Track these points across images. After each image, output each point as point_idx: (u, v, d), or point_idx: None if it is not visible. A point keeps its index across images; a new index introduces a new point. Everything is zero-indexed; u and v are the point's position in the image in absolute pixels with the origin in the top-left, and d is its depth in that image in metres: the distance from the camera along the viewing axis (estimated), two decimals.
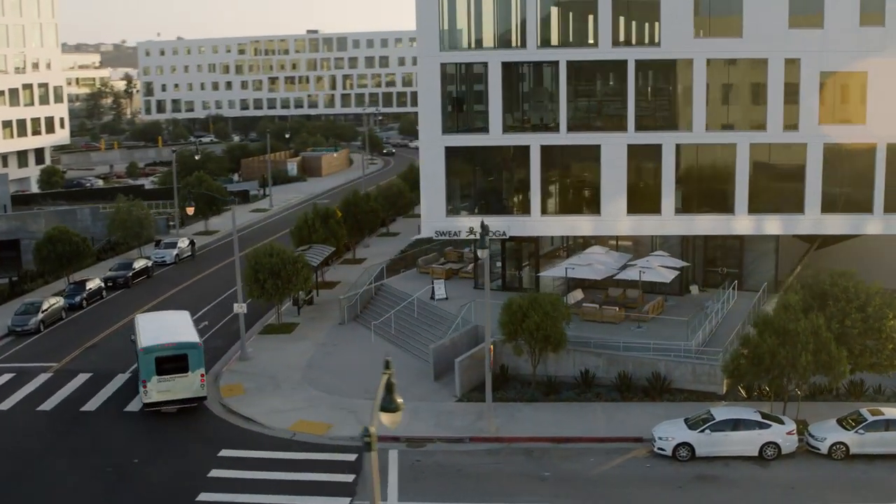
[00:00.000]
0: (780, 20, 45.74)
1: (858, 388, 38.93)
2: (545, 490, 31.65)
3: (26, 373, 44.23)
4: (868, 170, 46.89)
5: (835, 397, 38.48)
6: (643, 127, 47.67)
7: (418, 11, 47.73)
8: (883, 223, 47.51)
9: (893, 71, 45.70)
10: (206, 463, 33.89)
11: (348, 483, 32.22)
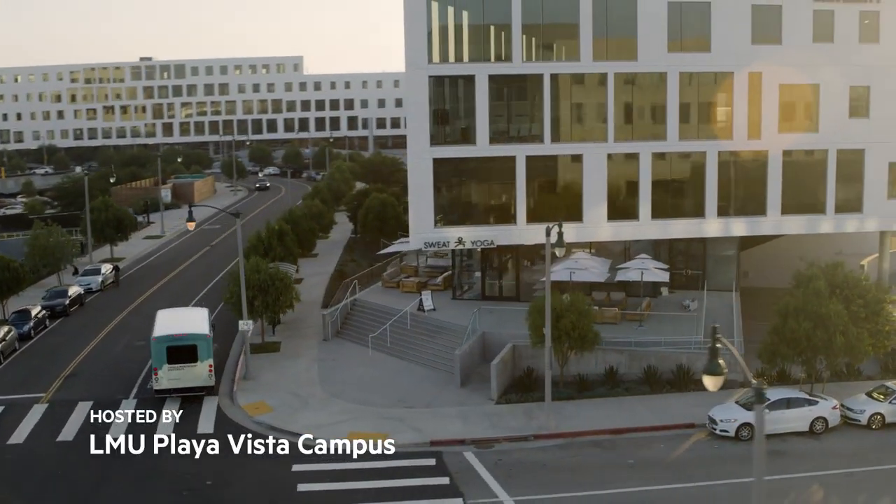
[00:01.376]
0: (745, 37, 49.38)
1: (853, 370, 42.34)
2: (637, 476, 32.76)
3: (17, 405, 40.93)
4: (820, 174, 51.27)
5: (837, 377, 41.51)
6: (622, 136, 49.96)
7: (406, 24, 48.17)
8: (834, 222, 52.01)
9: (841, 83, 50.26)
10: (284, 479, 32.80)
11: (447, 485, 32.08)
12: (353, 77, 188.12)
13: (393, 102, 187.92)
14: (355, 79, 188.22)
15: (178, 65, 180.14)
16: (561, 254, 37.10)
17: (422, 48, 48.37)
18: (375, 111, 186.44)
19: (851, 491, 31.37)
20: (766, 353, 38.68)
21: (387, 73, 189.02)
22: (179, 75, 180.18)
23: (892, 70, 50.32)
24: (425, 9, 48.05)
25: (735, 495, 30.77)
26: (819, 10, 49.63)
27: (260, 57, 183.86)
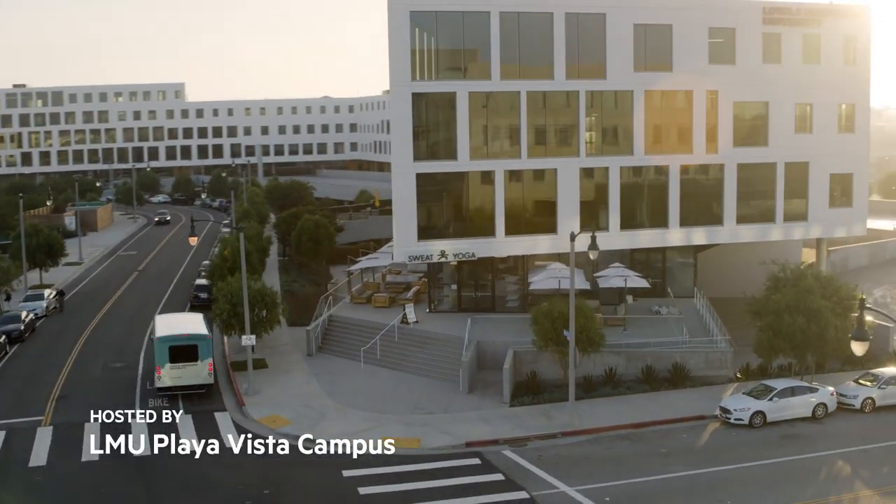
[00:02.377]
0: (702, 57, 52.87)
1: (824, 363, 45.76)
2: (674, 462, 34.69)
3: (18, 428, 39.43)
4: (770, 185, 55.12)
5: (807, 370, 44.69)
6: (593, 151, 52.42)
7: (391, 42, 49.31)
8: (783, 230, 55.96)
9: (788, 101, 54.39)
10: (341, 485, 32.99)
11: (503, 480, 33.09)
12: (235, 104, 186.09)
13: (276, 129, 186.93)
14: (238, 105, 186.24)
15: (55, 91, 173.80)
16: (594, 256, 38.74)
17: (405, 66, 49.55)
18: (259, 138, 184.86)
19: (875, 464, 34.21)
20: (762, 348, 41.46)
21: (270, 100, 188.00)
22: (57, 102, 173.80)
23: (831, 89, 54.70)
24: (408, 29, 49.28)
25: (770, 474, 33.12)
26: (768, 33, 53.64)
27: (141, 84, 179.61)
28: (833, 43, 54.68)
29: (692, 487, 32.09)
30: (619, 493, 31.67)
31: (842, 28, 54.68)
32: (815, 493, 31.60)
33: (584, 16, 51.21)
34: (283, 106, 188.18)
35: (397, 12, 49.13)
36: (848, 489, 31.97)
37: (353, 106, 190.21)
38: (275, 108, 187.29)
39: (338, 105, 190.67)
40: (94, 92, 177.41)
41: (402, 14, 49.12)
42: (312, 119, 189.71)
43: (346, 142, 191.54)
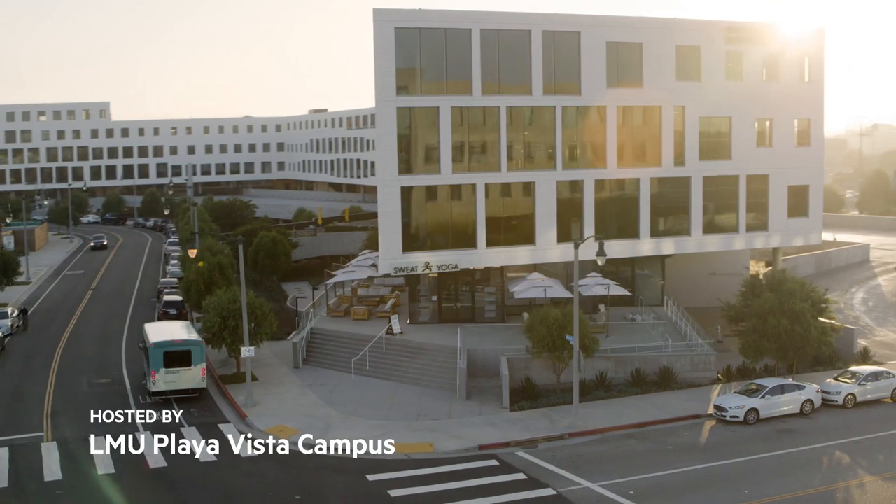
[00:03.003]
0: (670, 74, 55.19)
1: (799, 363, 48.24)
2: (684, 457, 36.26)
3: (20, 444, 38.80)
4: (733, 196, 57.65)
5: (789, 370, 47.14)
6: (568, 165, 54.13)
7: (376, 58, 50.21)
8: (745, 240, 58.54)
9: (749, 116, 57.11)
10: (369, 488, 33.51)
11: (526, 479, 34.14)
12: (161, 123, 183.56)
13: (203, 149, 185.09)
14: (163, 125, 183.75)
15: None
16: (602, 262, 40.17)
17: (390, 81, 50.46)
18: (185, 158, 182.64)
19: (869, 453, 36.39)
20: (749, 349, 43.55)
21: (196, 119, 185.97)
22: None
23: (788, 104, 57.64)
24: (393, 45, 50.28)
25: (776, 465, 35.02)
26: (731, 51, 56.32)
27: (65, 102, 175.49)
28: (790, 61, 57.62)
29: (710, 479, 33.64)
30: (641, 486, 33.00)
31: (798, 47, 57.67)
32: (822, 480, 33.52)
33: (559, 34, 52.95)
34: (209, 125, 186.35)
35: (382, 29, 50.09)
36: (852, 476, 33.96)
37: (280, 125, 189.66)
38: (201, 128, 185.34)
39: (265, 124, 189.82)
40: (17, 111, 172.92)
41: (387, 30, 50.09)
42: (239, 138, 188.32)
43: (273, 161, 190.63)
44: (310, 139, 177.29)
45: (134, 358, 54.89)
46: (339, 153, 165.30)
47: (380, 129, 51.01)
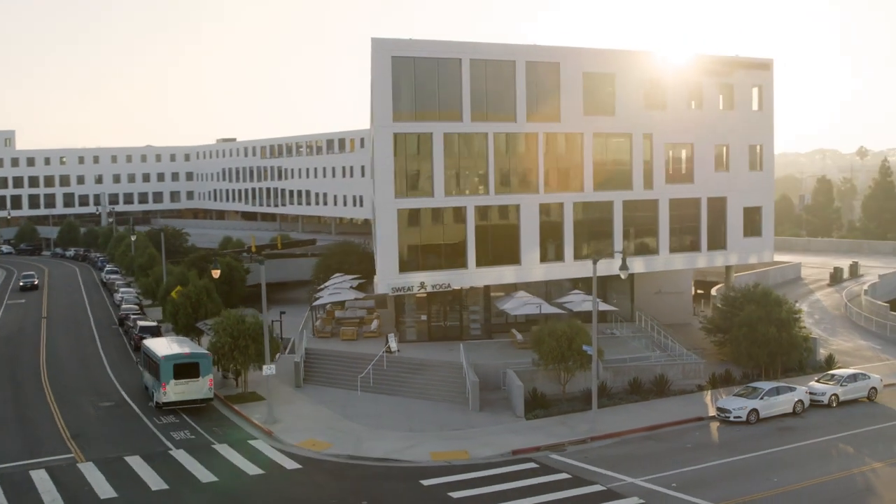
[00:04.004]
0: (639, 103, 59.03)
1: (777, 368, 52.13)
2: (706, 454, 39.20)
3: (56, 466, 38.89)
4: (696, 218, 61.75)
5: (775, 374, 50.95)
6: (549, 189, 57.15)
7: (374, 85, 52.32)
8: (707, 258, 62.64)
9: (709, 142, 61.44)
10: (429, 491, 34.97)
11: (570, 478, 36.40)
12: (68, 152, 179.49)
13: (111, 178, 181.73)
14: (70, 154, 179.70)
15: None
16: (625, 276, 42.97)
17: (387, 108, 52.56)
18: (93, 187, 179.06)
19: (868, 443, 40.14)
20: (742, 356, 47.14)
21: (103, 149, 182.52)
22: None
23: (743, 131, 62.25)
24: (390, 73, 52.44)
25: (792, 457, 38.27)
26: (692, 82, 60.51)
27: None
28: (744, 91, 62.31)
29: (737, 472, 36.61)
30: (680, 479, 35.69)
31: (751, 78, 62.45)
32: (837, 467, 36.95)
33: (541, 64, 56.10)
34: (117, 154, 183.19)
35: (380, 58, 52.21)
36: (862, 463, 37.48)
37: (189, 154, 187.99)
38: (108, 157, 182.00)
39: (173, 153, 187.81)
40: None
41: (384, 59, 52.24)
42: (148, 168, 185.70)
43: (182, 190, 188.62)
44: (221, 168, 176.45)
45: (128, 381, 55.15)
46: (254, 182, 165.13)
47: (377, 153, 52.92)
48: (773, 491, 34.14)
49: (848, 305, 70.47)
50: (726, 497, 33.56)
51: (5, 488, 35.62)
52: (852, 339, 62.76)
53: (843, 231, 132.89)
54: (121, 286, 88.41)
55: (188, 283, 62.67)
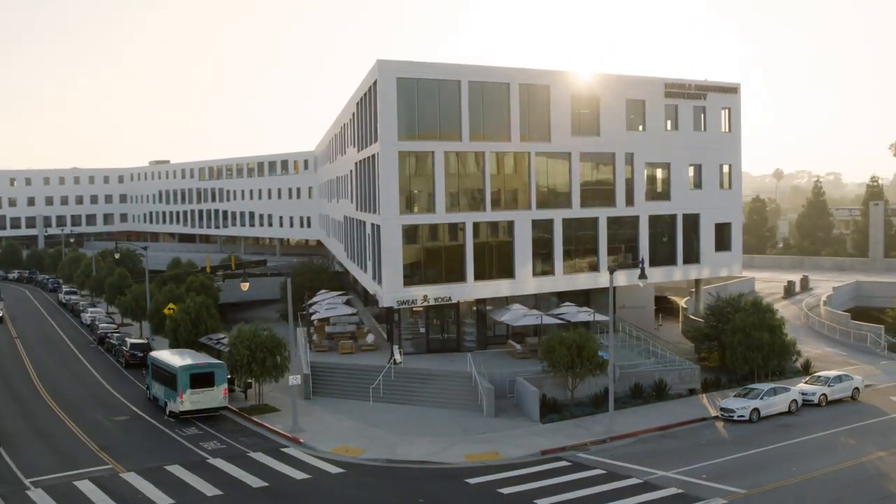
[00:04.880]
0: (621, 124, 62.31)
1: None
2: (719, 449, 41.88)
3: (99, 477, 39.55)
4: (672, 233, 65.17)
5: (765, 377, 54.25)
6: (541, 205, 59.80)
7: (380, 106, 54.25)
8: (682, 271, 66.08)
9: (684, 162, 65.05)
10: (477, 489, 36.69)
11: (606, 473, 38.68)
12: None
13: (43, 200, 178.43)
14: (2, 176, 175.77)
15: None
16: (643, 284, 45.59)
17: (392, 127, 54.55)
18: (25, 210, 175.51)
19: (867, 436, 43.51)
20: (738, 360, 50.32)
21: (35, 171, 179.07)
22: None
23: (714, 152, 66.06)
24: (395, 94, 54.50)
25: (802, 450, 41.21)
26: (668, 105, 64.13)
27: None
28: (715, 114, 66.16)
29: (758, 463, 39.41)
30: (708, 471, 38.27)
31: (720, 101, 66.38)
32: (846, 457, 40.07)
33: (533, 86, 58.87)
34: (49, 176, 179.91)
35: (386, 79, 54.22)
36: (867, 453, 40.65)
37: (122, 176, 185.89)
38: (41, 179, 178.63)
39: (107, 175, 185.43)
40: None
41: (390, 80, 54.26)
42: (80, 190, 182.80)
43: (115, 213, 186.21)
44: (157, 190, 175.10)
45: (130, 395, 55.78)
46: (192, 204, 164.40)
47: (383, 171, 54.74)
48: (796, 478, 36.96)
49: (809, 315, 74.78)
50: (757, 485, 36.21)
51: (57, 499, 36.09)
52: (819, 346, 66.83)
53: (776, 249, 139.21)
54: (87, 307, 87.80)
55: (181, 301, 63.34)
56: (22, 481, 38.78)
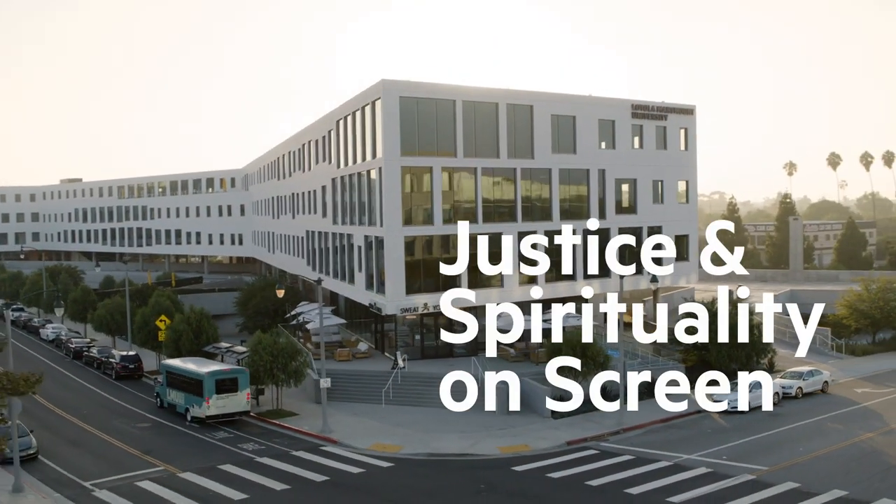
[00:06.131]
0: (594, 143, 66.88)
1: None
2: (726, 435, 46.20)
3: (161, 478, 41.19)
4: (639, 245, 69.84)
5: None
6: (525, 219, 63.65)
7: (384, 123, 57.20)
8: (647, 280, 70.67)
9: (648, 178, 70.01)
10: (526, 475, 39.74)
11: (635, 458, 42.47)
12: None
13: None
14: None
15: None
16: (655, 287, 49.61)
17: (395, 143, 57.53)
18: None
19: (852, 420, 48.69)
20: (724, 357, 55.04)
21: None
22: None
23: (673, 169, 71.28)
24: (398, 112, 57.53)
25: (800, 434, 45.92)
26: (634, 124, 69.03)
27: None
28: (674, 133, 71.41)
29: (766, 445, 43.86)
30: (726, 453, 42.50)
31: (679, 122, 71.69)
32: (840, 438, 44.93)
33: (518, 106, 62.75)
34: None
35: (389, 98, 57.21)
36: (856, 434, 45.63)
37: (34, 194, 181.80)
38: None
39: (18, 193, 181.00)
40: None
41: (393, 99, 57.27)
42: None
43: (27, 231, 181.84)
44: (73, 209, 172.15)
45: (137, 404, 56.84)
46: (112, 222, 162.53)
47: (386, 185, 57.56)
48: (805, 456, 41.54)
49: None
50: (774, 463, 40.57)
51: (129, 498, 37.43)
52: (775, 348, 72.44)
53: None
54: (44, 323, 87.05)
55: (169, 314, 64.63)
56: (81, 484, 39.83)
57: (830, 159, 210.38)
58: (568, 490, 37.64)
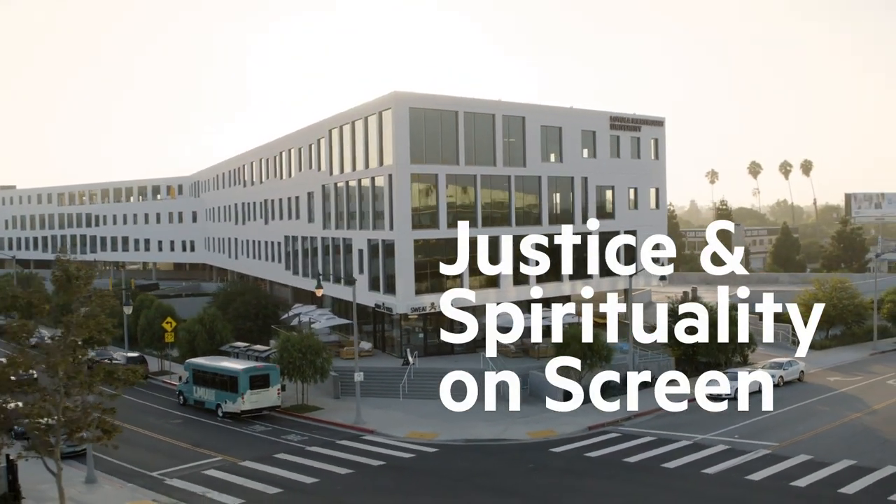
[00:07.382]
0: (578, 152, 71.43)
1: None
2: (729, 419, 50.58)
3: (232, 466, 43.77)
4: (617, 248, 74.54)
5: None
6: (520, 223, 67.72)
7: (395, 132, 60.59)
8: (624, 281, 75.51)
9: (624, 185, 74.90)
10: (565, 455, 43.56)
11: (658, 439, 46.75)
12: None
13: None
14: None
15: None
16: (663, 285, 53.98)
17: (405, 152, 60.94)
18: None
19: (836, 403, 53.92)
20: (712, 350, 59.93)
21: None
22: None
23: (646, 177, 76.32)
24: (408, 122, 60.98)
25: (796, 416, 50.73)
26: (613, 135, 73.84)
27: None
28: (647, 144, 76.46)
29: (768, 426, 48.47)
30: (738, 432, 47.15)
31: (651, 133, 76.77)
32: (832, 418, 49.89)
33: (512, 118, 66.81)
34: None
35: (400, 108, 60.60)
36: (846, 415, 50.68)
37: None
38: None
39: None
40: None
41: (403, 109, 60.69)
42: None
43: None
44: (10, 216, 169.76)
45: (160, 401, 58.66)
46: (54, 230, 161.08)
47: (396, 191, 60.87)
48: (807, 434, 46.38)
49: None
50: (783, 439, 45.23)
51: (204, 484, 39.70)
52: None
53: None
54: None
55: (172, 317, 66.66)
56: (149, 475, 41.84)
57: (751, 168, 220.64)
58: (610, 467, 41.56)
